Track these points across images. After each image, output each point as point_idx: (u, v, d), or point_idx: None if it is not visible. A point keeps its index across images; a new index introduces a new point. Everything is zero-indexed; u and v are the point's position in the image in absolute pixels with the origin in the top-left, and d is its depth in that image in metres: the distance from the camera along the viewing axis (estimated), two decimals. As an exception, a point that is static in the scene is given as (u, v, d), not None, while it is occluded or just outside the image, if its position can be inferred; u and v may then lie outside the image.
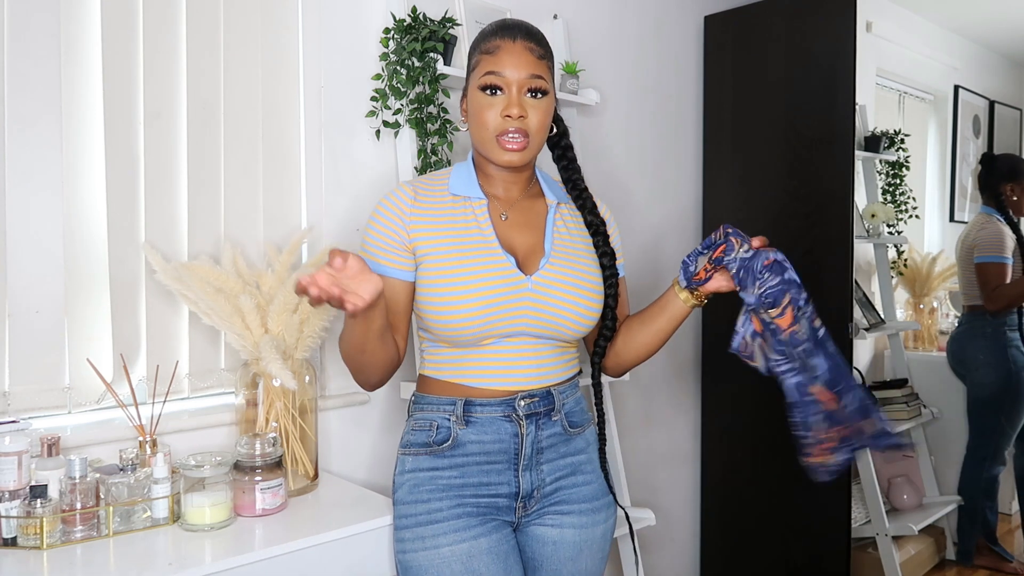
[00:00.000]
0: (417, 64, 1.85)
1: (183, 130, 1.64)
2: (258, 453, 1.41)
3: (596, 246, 1.37)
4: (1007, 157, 3.29)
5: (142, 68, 1.58)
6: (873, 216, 3.23)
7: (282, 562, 1.27)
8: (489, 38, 1.31)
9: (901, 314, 3.82)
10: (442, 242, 1.28)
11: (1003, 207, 3.15)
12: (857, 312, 2.98)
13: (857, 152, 3.12)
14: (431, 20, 1.90)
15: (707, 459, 2.92)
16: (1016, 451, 3.28)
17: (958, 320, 3.35)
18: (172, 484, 1.36)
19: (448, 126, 1.89)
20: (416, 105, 1.86)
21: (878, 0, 3.73)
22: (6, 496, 1.27)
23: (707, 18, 2.85)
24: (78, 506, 1.27)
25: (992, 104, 4.79)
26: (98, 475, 1.33)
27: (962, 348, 3.23)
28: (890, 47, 3.79)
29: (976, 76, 4.64)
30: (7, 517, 1.25)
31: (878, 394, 3.08)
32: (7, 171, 1.43)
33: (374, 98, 1.87)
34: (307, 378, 1.58)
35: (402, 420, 1.97)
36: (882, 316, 3.30)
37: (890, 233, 3.46)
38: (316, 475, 1.60)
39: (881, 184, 3.59)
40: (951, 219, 4.46)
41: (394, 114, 1.89)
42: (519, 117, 1.27)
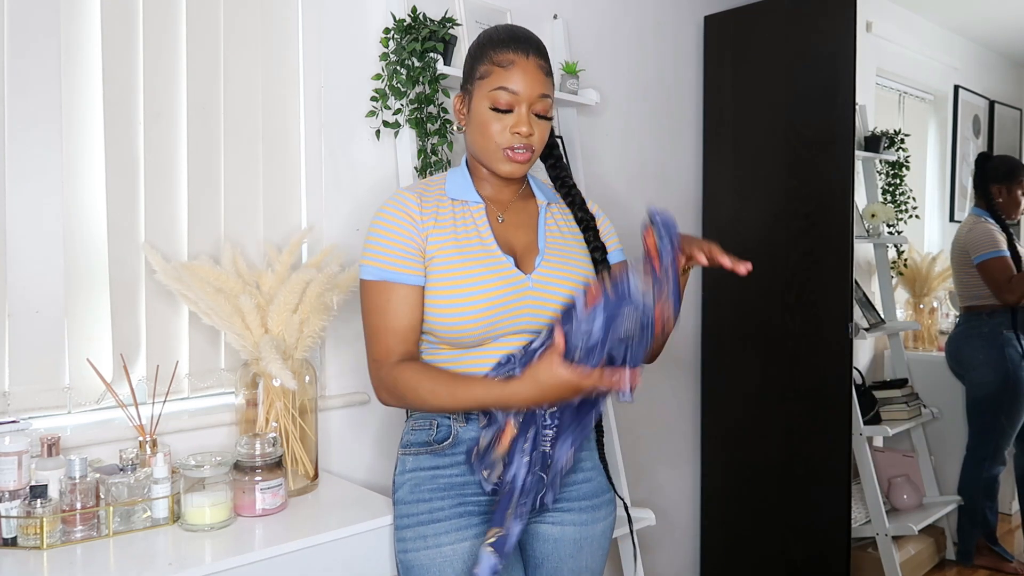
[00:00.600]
0: (417, 64, 1.85)
1: (183, 130, 1.64)
2: (258, 453, 1.41)
3: (587, 241, 1.40)
4: (1000, 159, 3.29)
5: (142, 68, 1.58)
6: (873, 216, 3.23)
7: (282, 562, 1.27)
8: (501, 49, 1.30)
9: (901, 314, 3.82)
10: (447, 245, 1.29)
11: (993, 208, 3.15)
12: (857, 312, 2.99)
13: (857, 152, 3.12)
14: (431, 20, 1.90)
15: (707, 459, 2.92)
16: (1016, 451, 3.28)
17: (956, 320, 3.35)
18: (172, 484, 1.36)
19: (448, 126, 1.89)
20: (416, 105, 1.86)
21: (878, 0, 3.73)
22: (6, 496, 1.27)
23: (707, 18, 2.85)
24: (78, 506, 1.27)
25: (992, 104, 4.79)
26: (98, 475, 1.33)
27: (960, 348, 3.24)
28: (890, 47, 3.79)
29: (976, 76, 4.64)
30: (7, 517, 1.25)
31: (878, 394, 3.07)
32: (7, 171, 1.43)
33: (374, 98, 1.87)
34: (307, 378, 1.58)
35: (402, 420, 1.96)
36: (882, 316, 3.30)
37: (890, 233, 3.46)
38: (316, 475, 1.60)
39: (881, 184, 3.59)
40: (951, 219, 4.46)
41: (394, 114, 1.89)
42: (528, 135, 1.29)
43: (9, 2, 1.43)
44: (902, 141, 3.60)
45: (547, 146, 1.45)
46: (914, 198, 3.68)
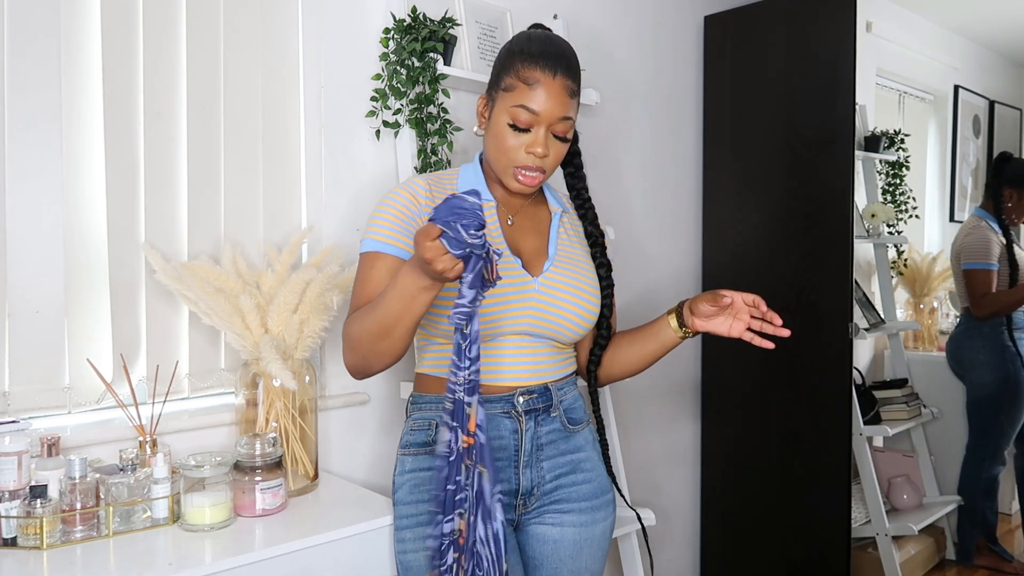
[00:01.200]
0: (417, 64, 1.85)
1: (183, 130, 1.64)
2: (258, 453, 1.41)
3: (594, 256, 1.41)
4: (1020, 162, 3.23)
5: (142, 68, 1.58)
6: (873, 216, 3.23)
7: (282, 562, 1.27)
8: (530, 65, 1.26)
9: (901, 314, 3.82)
10: None
11: (1000, 211, 3.14)
12: (857, 312, 2.99)
13: (857, 152, 3.12)
14: (431, 20, 1.90)
15: (707, 459, 2.92)
16: (1016, 451, 3.28)
17: (957, 320, 3.35)
18: (172, 484, 1.36)
19: (448, 126, 1.89)
20: (416, 105, 1.87)
21: (878, 0, 3.73)
22: (6, 496, 1.27)
23: (707, 18, 2.85)
24: (78, 506, 1.27)
25: (992, 104, 4.79)
26: (98, 475, 1.33)
27: (960, 348, 3.24)
28: (890, 47, 3.79)
29: (976, 76, 4.64)
30: (7, 517, 1.25)
31: (878, 394, 3.08)
32: (7, 171, 1.43)
33: (374, 98, 1.87)
34: (307, 378, 1.58)
35: (402, 420, 1.97)
36: (882, 316, 3.30)
37: (890, 233, 3.46)
38: (316, 475, 1.60)
39: (881, 184, 3.59)
40: (951, 219, 4.46)
41: (394, 114, 1.89)
42: (543, 156, 1.28)
43: (9, 2, 1.43)
44: (902, 141, 3.60)
45: (568, 154, 1.44)
46: (914, 198, 3.68)
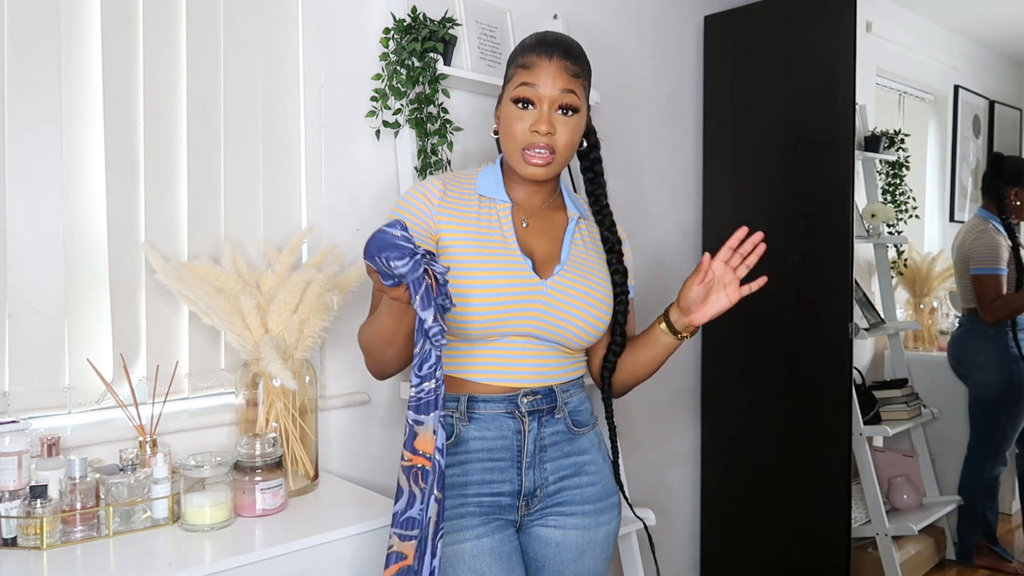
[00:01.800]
0: (417, 64, 1.85)
1: (183, 130, 1.64)
2: (258, 453, 1.41)
3: (609, 263, 1.40)
4: (1015, 160, 3.26)
5: (142, 68, 1.58)
6: (873, 216, 3.23)
7: (282, 562, 1.27)
8: (527, 52, 1.31)
9: (901, 314, 3.82)
10: (465, 237, 1.30)
11: (1003, 211, 3.14)
12: (857, 312, 2.99)
13: (857, 152, 3.12)
14: (431, 20, 1.90)
15: (707, 459, 2.92)
16: (1018, 451, 3.28)
17: (959, 321, 3.35)
18: (172, 484, 1.36)
19: (448, 126, 1.89)
20: (416, 105, 1.87)
21: (878, 0, 3.73)
22: (6, 496, 1.27)
23: (707, 18, 2.85)
24: (78, 506, 1.27)
25: (992, 104, 4.79)
26: (98, 475, 1.33)
27: (964, 349, 3.23)
28: (890, 47, 3.79)
29: (976, 76, 4.64)
30: (7, 517, 1.25)
31: (878, 394, 3.07)
32: (7, 171, 1.43)
33: (374, 98, 1.87)
34: (307, 378, 1.58)
35: (403, 420, 1.97)
36: (882, 316, 3.30)
37: (890, 233, 3.46)
38: (316, 475, 1.60)
39: (881, 184, 3.59)
40: (951, 219, 4.46)
41: (394, 114, 1.89)
42: (547, 133, 1.28)
43: (9, 2, 1.43)
44: (902, 141, 3.60)
45: (589, 159, 1.45)
46: (914, 198, 3.68)
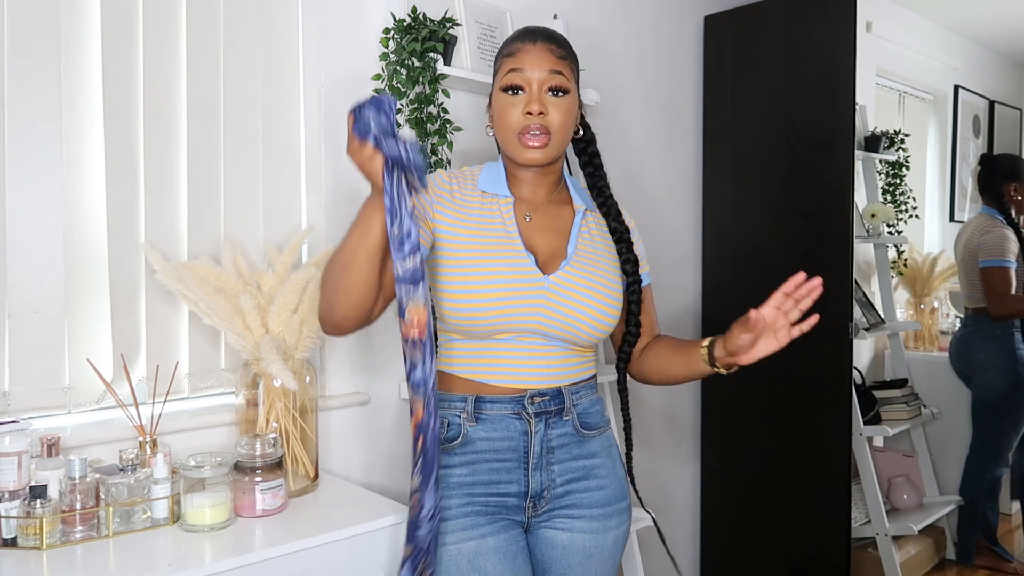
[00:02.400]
0: (417, 64, 1.85)
1: (183, 130, 1.64)
2: (258, 453, 1.41)
3: (619, 252, 1.39)
4: (1007, 157, 3.28)
5: (142, 68, 1.58)
6: (873, 216, 3.23)
7: (282, 563, 1.27)
8: (511, 43, 1.34)
9: (901, 314, 3.82)
10: (466, 231, 1.30)
11: (1005, 208, 3.14)
12: (857, 312, 2.99)
13: (857, 152, 3.12)
14: (431, 20, 1.89)
15: (707, 459, 2.92)
16: (1018, 452, 3.28)
17: (962, 321, 3.34)
18: (172, 484, 1.35)
19: (448, 126, 1.89)
20: (416, 105, 1.86)
21: (878, 0, 3.73)
22: (6, 496, 1.27)
23: (707, 18, 2.85)
24: (78, 506, 1.27)
25: (992, 104, 4.79)
26: (98, 475, 1.33)
27: (969, 349, 3.22)
28: (890, 47, 3.79)
29: (976, 76, 4.64)
30: (7, 517, 1.25)
31: (878, 394, 3.08)
32: (7, 171, 1.43)
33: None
34: (307, 378, 1.58)
35: (403, 420, 1.97)
36: (882, 316, 3.30)
37: (890, 233, 3.46)
38: (316, 475, 1.60)
39: (881, 184, 3.59)
40: (951, 219, 4.46)
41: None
42: (539, 114, 1.29)
43: (9, 2, 1.43)
44: (902, 141, 3.60)
45: (587, 153, 1.45)
46: (914, 198, 3.68)
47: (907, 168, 3.65)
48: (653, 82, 2.70)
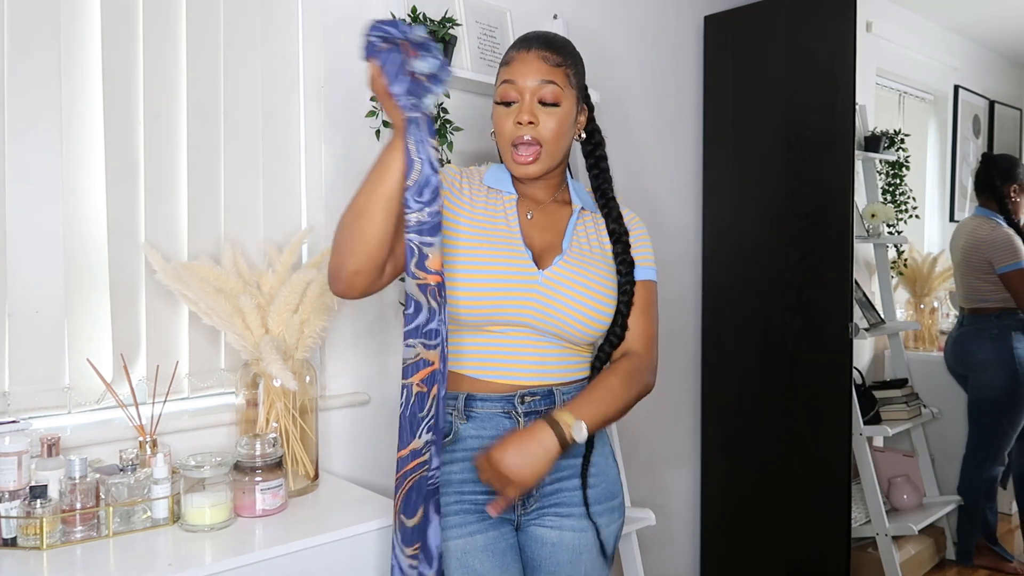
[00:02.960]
0: (417, 64, 1.85)
1: (183, 130, 1.64)
2: (258, 453, 1.41)
3: (616, 254, 1.38)
4: (1007, 157, 3.28)
5: (142, 68, 1.58)
6: (873, 216, 3.23)
7: (282, 563, 1.27)
8: (508, 52, 1.35)
9: (901, 314, 3.82)
10: (470, 221, 1.32)
11: (1005, 208, 3.14)
12: (857, 312, 2.98)
13: (857, 152, 3.12)
14: (431, 20, 1.89)
15: (707, 459, 2.92)
16: (1016, 451, 3.28)
17: (958, 321, 3.34)
18: (172, 484, 1.35)
19: (448, 126, 1.89)
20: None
21: (878, 0, 3.73)
22: (6, 496, 1.27)
23: (707, 18, 2.85)
24: (78, 506, 1.27)
25: (992, 104, 4.79)
26: (98, 475, 1.33)
27: (966, 350, 3.21)
28: (890, 47, 3.79)
29: (976, 76, 4.64)
30: (7, 517, 1.25)
31: (878, 394, 3.07)
32: (7, 171, 1.43)
33: (374, 98, 1.87)
34: (307, 378, 1.58)
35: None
36: (882, 316, 3.30)
37: (890, 233, 3.46)
38: (316, 475, 1.60)
39: (881, 184, 3.59)
40: (951, 219, 4.46)
41: (394, 114, 1.89)
42: (529, 123, 1.29)
43: (9, 2, 1.43)
44: (902, 141, 3.60)
45: (594, 156, 1.45)
46: (914, 198, 3.68)
47: (907, 168, 3.65)
48: (653, 82, 2.70)
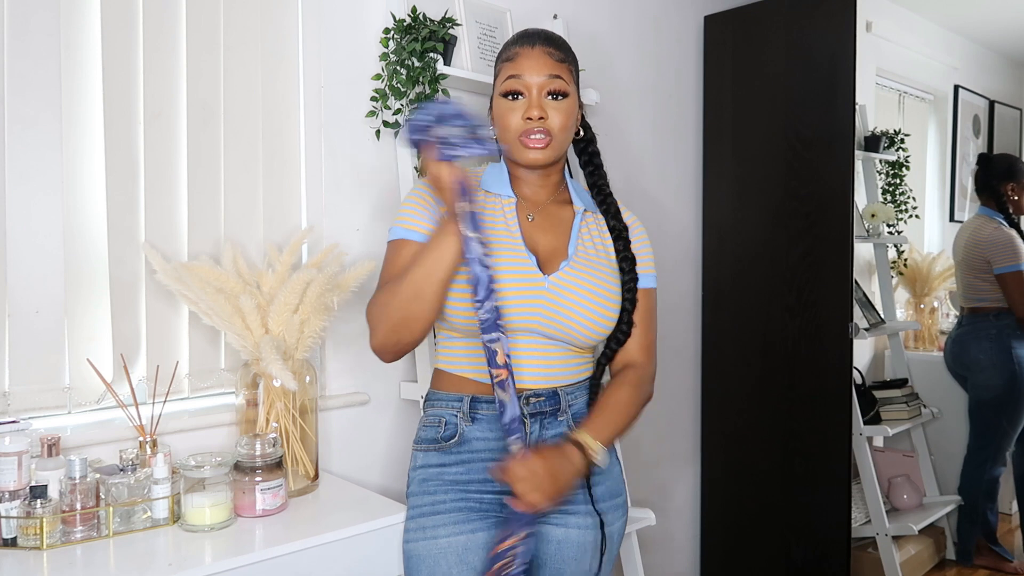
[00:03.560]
0: (417, 64, 1.85)
1: (183, 130, 1.64)
2: (258, 453, 1.41)
3: (617, 251, 1.38)
4: (1004, 157, 3.28)
5: (142, 68, 1.58)
6: (873, 216, 3.23)
7: (282, 563, 1.27)
8: (510, 47, 1.36)
9: (901, 314, 3.82)
10: None
11: (1004, 208, 3.14)
12: (857, 312, 2.99)
13: (857, 152, 3.12)
14: (431, 20, 1.89)
15: (707, 459, 2.92)
16: (1016, 451, 3.28)
17: (958, 321, 3.34)
18: (172, 484, 1.35)
19: (448, 126, 1.89)
20: (416, 105, 1.86)
21: (878, 0, 3.73)
22: (6, 496, 1.27)
23: (707, 18, 2.85)
24: (78, 506, 1.27)
25: (992, 104, 4.79)
26: (98, 475, 1.33)
27: (965, 350, 3.21)
28: (890, 47, 3.79)
29: (976, 76, 4.64)
30: (7, 517, 1.25)
31: (878, 394, 3.08)
32: (7, 171, 1.43)
33: (374, 98, 1.87)
34: (307, 378, 1.58)
35: (402, 420, 1.97)
36: (882, 316, 3.30)
37: (890, 233, 3.46)
38: (316, 475, 1.60)
39: (881, 184, 3.59)
40: (951, 219, 4.46)
41: (394, 114, 1.89)
42: (540, 118, 1.30)
43: (9, 2, 1.43)
44: (902, 141, 3.60)
45: (587, 153, 1.46)
46: (914, 198, 3.68)
47: (907, 168, 3.65)
48: (653, 82, 2.70)
